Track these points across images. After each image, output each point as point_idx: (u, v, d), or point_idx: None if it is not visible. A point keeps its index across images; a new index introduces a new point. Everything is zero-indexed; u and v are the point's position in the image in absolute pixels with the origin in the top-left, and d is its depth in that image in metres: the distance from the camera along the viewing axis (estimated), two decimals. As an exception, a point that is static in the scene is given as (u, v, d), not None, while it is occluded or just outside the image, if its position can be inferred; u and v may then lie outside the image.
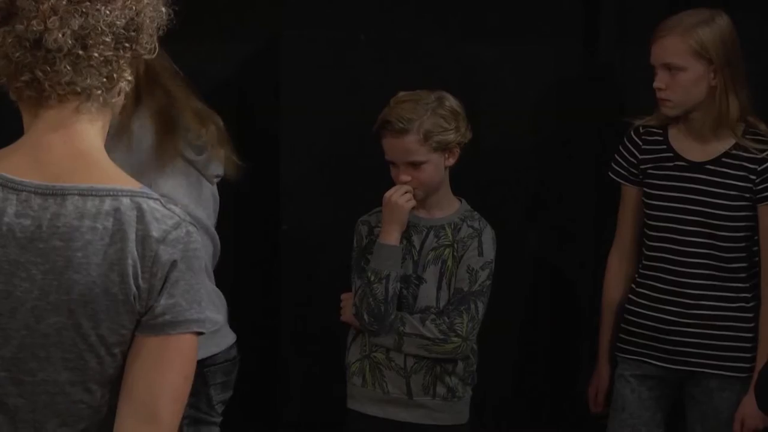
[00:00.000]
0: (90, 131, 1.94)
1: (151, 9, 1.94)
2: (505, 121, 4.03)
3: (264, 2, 4.01)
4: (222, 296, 3.38)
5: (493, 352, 3.75)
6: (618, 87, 4.09)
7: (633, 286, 3.64)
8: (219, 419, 3.44)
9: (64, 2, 1.85)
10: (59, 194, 1.87)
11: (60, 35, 1.85)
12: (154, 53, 1.97)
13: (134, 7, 1.91)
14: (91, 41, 1.87)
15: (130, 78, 1.96)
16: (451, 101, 3.49)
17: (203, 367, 3.30)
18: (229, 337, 3.41)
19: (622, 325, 3.65)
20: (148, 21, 1.94)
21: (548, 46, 4.06)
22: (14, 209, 1.86)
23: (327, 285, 3.88)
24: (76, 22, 1.86)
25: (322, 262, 4.02)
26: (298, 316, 4.09)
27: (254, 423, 4.09)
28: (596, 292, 3.85)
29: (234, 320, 3.46)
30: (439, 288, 3.52)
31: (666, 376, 3.59)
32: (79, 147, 1.93)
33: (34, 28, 1.85)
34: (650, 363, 3.59)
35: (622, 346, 3.65)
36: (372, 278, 3.46)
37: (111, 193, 1.88)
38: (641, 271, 3.63)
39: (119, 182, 1.92)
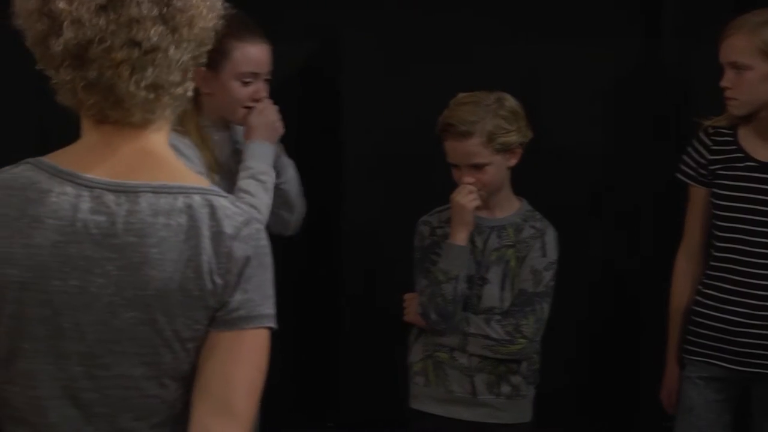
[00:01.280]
0: (158, 132, 1.96)
1: (214, 20, 1.94)
2: (566, 120, 4.03)
3: (324, 2, 4.02)
4: None
5: (554, 352, 3.74)
6: (679, 84, 4.07)
7: (700, 287, 3.62)
8: None
9: (136, 53, 1.85)
10: (132, 191, 1.88)
11: (132, 86, 1.85)
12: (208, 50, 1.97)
13: (201, 35, 1.91)
14: (162, 86, 1.89)
15: (192, 85, 1.97)
16: (510, 101, 3.49)
17: None
18: None
19: (689, 327, 3.63)
20: (212, 35, 1.95)
21: (609, 44, 4.06)
22: (88, 206, 1.87)
23: (387, 284, 3.88)
24: (148, 73, 1.86)
25: (382, 262, 4.02)
26: (359, 316, 4.09)
27: (315, 422, 4.10)
28: (658, 292, 3.82)
29: (296, 319, 3.47)
30: (502, 288, 3.53)
31: (732, 377, 3.57)
32: (146, 146, 1.94)
33: (107, 78, 1.85)
34: (717, 365, 3.56)
35: (688, 347, 3.62)
36: (441, 278, 3.46)
37: (182, 190, 1.89)
38: (708, 272, 3.61)
39: (188, 180, 1.93)
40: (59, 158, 1.93)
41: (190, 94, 1.97)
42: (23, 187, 1.89)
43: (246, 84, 3.31)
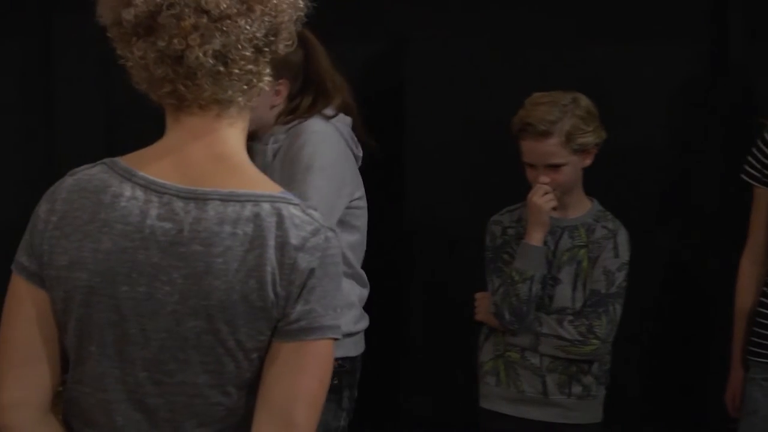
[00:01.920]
0: (231, 135, 1.95)
1: (290, 9, 1.93)
2: (634, 121, 4.00)
3: (390, 5, 4.03)
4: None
5: (623, 352, 3.72)
6: (747, 86, 4.03)
7: (765, 289, 3.59)
8: (348, 419, 3.48)
9: (204, 20, 1.84)
10: (201, 198, 1.88)
11: (201, 54, 1.85)
12: (293, 47, 1.96)
13: (273, 13, 1.90)
14: (231, 57, 1.87)
15: (269, 77, 1.96)
16: (585, 101, 3.48)
17: (358, 361, 3.40)
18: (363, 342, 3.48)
19: (754, 329, 3.60)
20: (286, 20, 1.93)
21: (677, 46, 4.02)
22: (157, 212, 1.88)
23: (456, 283, 3.88)
24: (217, 41, 1.85)
25: (451, 261, 4.03)
26: (428, 316, 4.10)
27: (385, 422, 4.11)
28: (726, 294, 3.80)
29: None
30: (574, 289, 3.52)
31: None
32: (221, 151, 1.93)
33: (176, 46, 1.85)
34: None
35: (752, 349, 3.59)
36: (516, 278, 3.46)
37: (252, 198, 1.88)
38: None
39: (260, 186, 1.92)
40: (134, 160, 1.94)
41: (265, 85, 1.96)
42: (96, 189, 1.90)
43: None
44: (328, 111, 3.32)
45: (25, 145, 4.27)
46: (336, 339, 1.92)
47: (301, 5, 1.95)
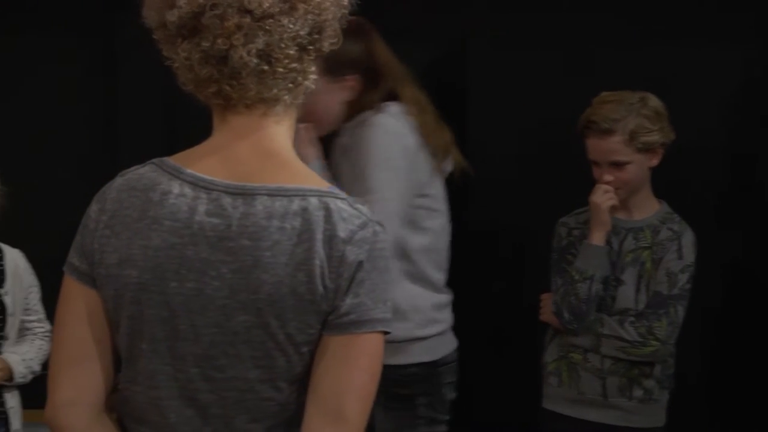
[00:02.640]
0: (278, 132, 1.96)
1: (333, 7, 1.93)
2: (695, 123, 3.97)
3: (451, 5, 4.02)
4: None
5: (687, 356, 3.69)
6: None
7: None
8: (447, 418, 3.49)
9: (248, 19, 1.85)
10: (249, 194, 1.88)
11: (245, 53, 1.86)
12: (338, 45, 1.96)
13: (316, 11, 1.90)
14: (275, 56, 1.88)
15: (314, 75, 1.96)
16: (654, 101, 3.47)
17: (437, 367, 3.38)
18: (455, 340, 3.49)
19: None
20: (330, 18, 1.93)
21: (737, 47, 4.00)
22: (205, 208, 1.88)
23: (522, 284, 3.86)
24: (260, 40, 1.86)
25: (517, 263, 4.01)
26: (492, 315, 4.09)
27: (445, 422, 4.10)
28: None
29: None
30: (637, 290, 3.49)
31: None
32: (268, 148, 1.94)
33: (220, 46, 1.86)
34: None
35: None
36: (576, 277, 3.45)
37: (299, 193, 1.89)
38: None
39: (307, 181, 1.92)
40: (183, 159, 1.96)
41: (311, 83, 1.96)
42: (145, 188, 1.91)
43: None
44: (396, 103, 3.31)
45: (87, 144, 4.31)
46: (386, 333, 1.91)
47: (345, 2, 1.96)
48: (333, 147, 3.36)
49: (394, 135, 3.26)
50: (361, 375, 1.88)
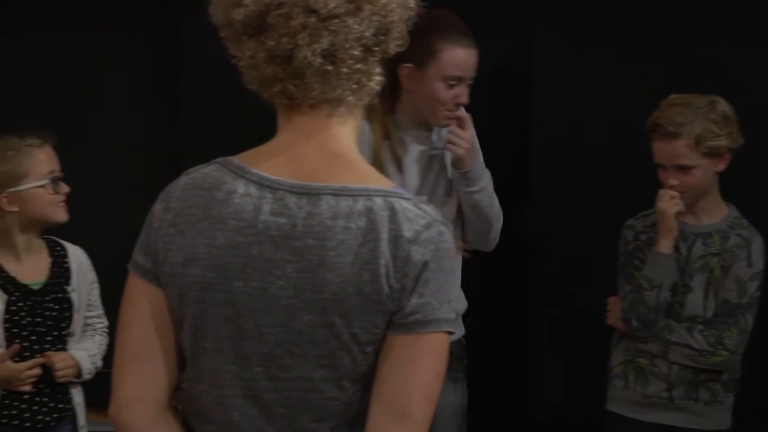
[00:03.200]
0: (342, 133, 1.96)
1: (399, 9, 1.93)
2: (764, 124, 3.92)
3: (514, 4, 4.01)
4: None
5: (754, 360, 3.64)
6: None
7: None
8: None
9: (313, 19, 1.85)
10: (314, 194, 1.88)
11: (309, 53, 1.86)
12: (404, 47, 1.96)
13: (382, 12, 1.90)
14: (339, 57, 1.88)
15: (379, 77, 1.96)
16: (723, 105, 3.43)
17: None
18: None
19: None
20: (396, 20, 1.92)
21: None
22: (270, 207, 1.88)
23: (588, 287, 3.84)
24: (325, 40, 1.86)
25: (582, 264, 3.99)
26: (556, 317, 4.07)
27: (510, 422, 4.09)
28: None
29: (493, 320, 3.48)
30: (705, 297, 3.47)
31: None
32: (332, 148, 1.94)
33: (285, 45, 1.86)
34: None
35: None
36: (644, 285, 3.42)
37: (364, 192, 1.88)
38: None
39: (372, 182, 1.92)
40: (247, 158, 1.96)
41: (376, 84, 1.96)
42: (210, 187, 1.92)
43: (450, 86, 3.31)
44: None
45: (151, 143, 4.33)
46: (451, 333, 1.91)
47: (412, 5, 1.95)
48: (416, 140, 3.43)
49: None
50: (425, 374, 1.87)
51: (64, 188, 3.50)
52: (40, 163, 3.46)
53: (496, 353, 3.62)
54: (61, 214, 3.49)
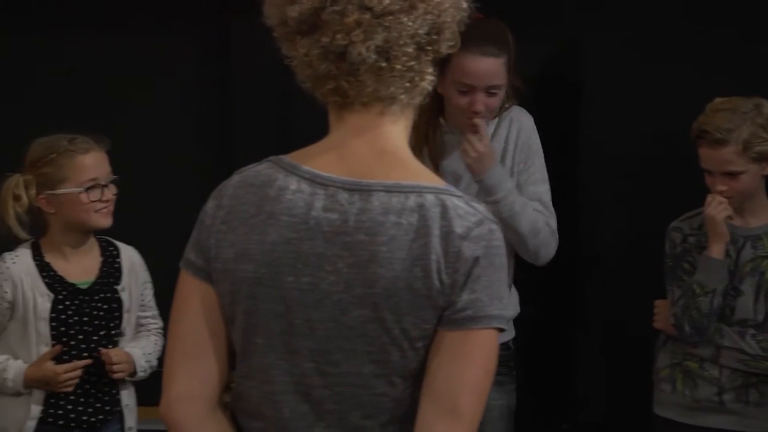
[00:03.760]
0: (393, 131, 1.97)
1: (452, 9, 1.94)
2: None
3: (567, 4, 4.00)
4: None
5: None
6: None
7: None
8: None
9: (368, 16, 1.86)
10: (365, 190, 1.89)
11: (364, 49, 1.87)
12: (456, 48, 1.97)
13: (435, 11, 1.91)
14: (393, 54, 1.89)
15: (432, 77, 1.97)
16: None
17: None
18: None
19: None
20: (449, 20, 1.93)
21: None
22: (322, 203, 1.89)
23: (631, 289, 3.82)
24: (379, 37, 1.87)
25: (626, 267, 3.97)
26: (600, 319, 4.05)
27: (557, 424, 4.08)
28: None
29: (539, 323, 3.47)
30: (756, 300, 3.44)
31: None
32: (384, 146, 1.95)
33: (339, 42, 1.87)
34: None
35: None
36: (697, 291, 3.39)
37: (415, 189, 1.89)
38: None
39: (423, 179, 1.93)
40: (299, 156, 1.97)
41: (428, 84, 1.96)
42: (263, 184, 1.93)
43: (462, 93, 3.34)
44: (515, 99, 3.42)
45: (201, 144, 4.35)
46: (501, 330, 1.91)
47: (464, 6, 1.96)
48: (448, 143, 3.46)
49: None
50: (476, 371, 1.87)
51: (107, 195, 3.47)
52: (81, 168, 3.44)
53: (543, 356, 3.60)
54: (99, 221, 3.47)
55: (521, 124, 3.47)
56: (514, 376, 3.55)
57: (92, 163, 3.46)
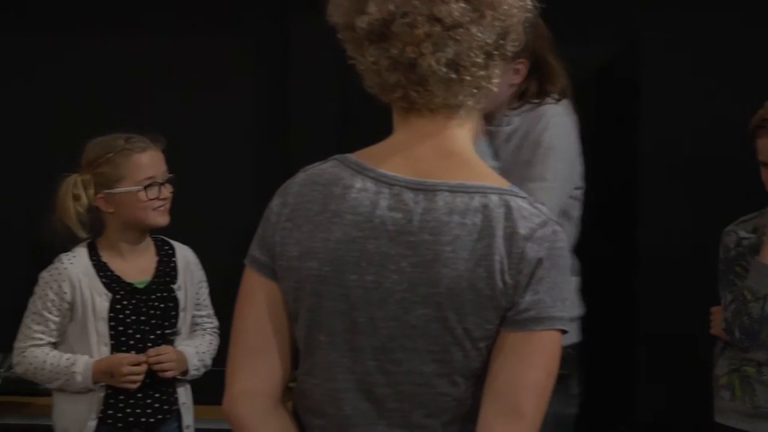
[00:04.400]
0: (459, 134, 1.98)
1: (519, 12, 1.94)
2: None
3: (623, 4, 3.98)
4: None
5: None
6: None
7: None
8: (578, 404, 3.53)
9: (438, 29, 1.87)
10: (430, 190, 1.90)
11: (434, 62, 1.88)
12: (520, 47, 1.97)
13: (503, 17, 1.91)
14: (463, 65, 1.90)
15: (497, 78, 1.97)
16: None
17: (581, 348, 3.44)
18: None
19: None
20: (515, 22, 1.94)
21: None
22: (387, 202, 1.90)
23: (688, 294, 3.79)
24: (450, 50, 1.88)
25: (684, 269, 3.95)
26: (657, 325, 4.03)
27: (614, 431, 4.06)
28: None
29: (595, 325, 3.45)
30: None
31: None
32: (449, 147, 1.96)
33: (409, 54, 1.88)
34: None
35: None
36: (748, 296, 3.37)
37: (480, 190, 1.90)
38: None
39: (488, 180, 1.94)
40: (365, 155, 1.98)
41: (494, 86, 1.97)
42: (328, 182, 1.94)
43: None
44: (555, 95, 3.35)
45: (259, 145, 4.36)
46: (564, 331, 1.92)
47: (530, 6, 1.97)
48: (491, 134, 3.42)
49: (570, 129, 3.35)
50: (538, 372, 1.88)
51: (164, 193, 3.49)
52: (138, 167, 3.46)
53: (600, 362, 3.58)
54: (156, 219, 3.49)
55: (549, 122, 3.38)
56: (572, 383, 3.54)
57: (149, 161, 3.48)
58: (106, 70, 4.38)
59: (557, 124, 3.33)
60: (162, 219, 3.50)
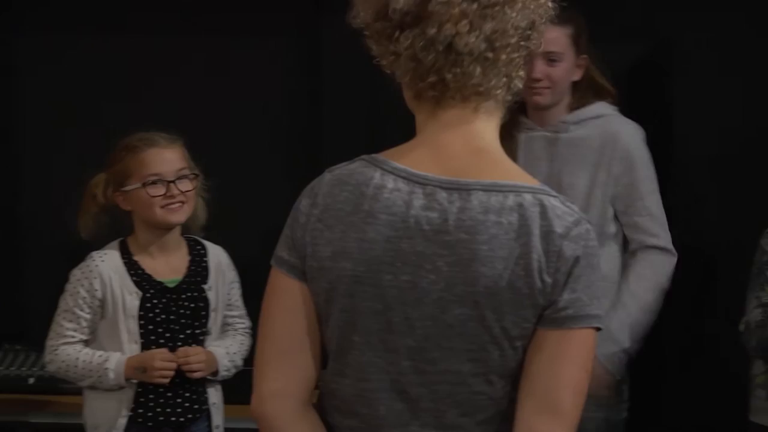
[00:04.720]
0: (487, 129, 1.98)
1: (544, 6, 1.96)
2: None
3: (656, 4, 3.97)
4: None
5: None
6: None
7: None
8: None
9: (474, 6, 1.89)
10: (464, 189, 1.90)
11: (472, 39, 1.89)
12: (540, 48, 1.99)
13: (532, 6, 1.93)
14: (499, 44, 1.91)
15: (522, 75, 1.98)
16: None
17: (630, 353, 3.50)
18: None
19: None
20: (542, 16, 1.96)
21: None
22: (421, 202, 1.90)
23: (722, 294, 3.77)
24: (487, 26, 1.89)
25: (717, 268, 3.93)
26: (694, 327, 4.01)
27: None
28: None
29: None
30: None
31: None
32: (479, 144, 1.96)
33: (447, 32, 1.89)
34: None
35: None
36: None
37: (513, 189, 1.90)
38: None
39: (519, 179, 1.94)
40: (392, 155, 1.98)
41: (519, 82, 1.97)
42: (358, 182, 1.94)
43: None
44: (609, 103, 3.41)
45: (290, 144, 4.36)
46: (599, 329, 1.92)
47: (551, 6, 1.98)
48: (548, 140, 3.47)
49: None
50: (576, 369, 1.89)
51: (173, 190, 3.45)
52: (142, 164, 3.44)
53: (638, 363, 3.58)
54: (165, 216, 3.46)
55: (631, 141, 3.54)
56: (624, 389, 3.56)
57: (153, 158, 3.45)
58: (138, 69, 4.39)
59: (642, 140, 3.52)
60: (173, 217, 3.47)
